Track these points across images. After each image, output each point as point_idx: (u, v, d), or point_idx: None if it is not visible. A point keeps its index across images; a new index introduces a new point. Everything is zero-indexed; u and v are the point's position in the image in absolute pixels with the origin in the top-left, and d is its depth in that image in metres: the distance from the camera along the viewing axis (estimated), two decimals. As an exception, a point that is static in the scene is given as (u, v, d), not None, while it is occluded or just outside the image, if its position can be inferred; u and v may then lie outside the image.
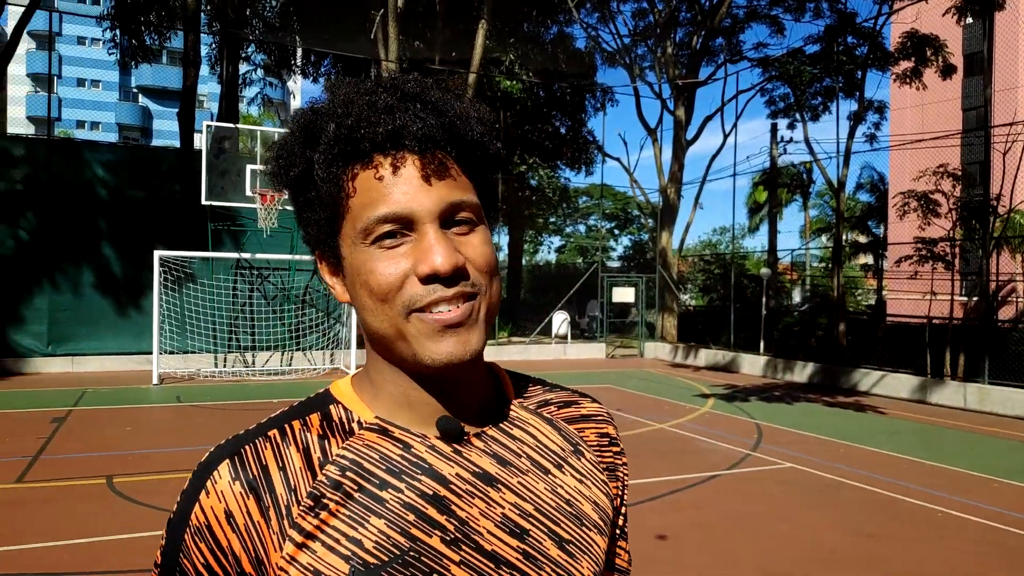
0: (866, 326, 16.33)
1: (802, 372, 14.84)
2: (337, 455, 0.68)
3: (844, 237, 28.89)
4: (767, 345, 16.54)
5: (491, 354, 17.73)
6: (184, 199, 14.26)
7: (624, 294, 20.32)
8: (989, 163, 13.07)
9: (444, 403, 0.71)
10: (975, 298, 14.04)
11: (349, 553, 0.64)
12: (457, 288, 0.66)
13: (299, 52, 23.19)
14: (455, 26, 19.36)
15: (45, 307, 13.68)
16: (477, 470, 0.70)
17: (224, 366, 14.31)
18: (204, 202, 12.92)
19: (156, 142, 54.64)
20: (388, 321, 0.67)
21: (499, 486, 0.71)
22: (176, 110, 19.21)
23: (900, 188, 14.88)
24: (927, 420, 10.46)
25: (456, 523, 0.67)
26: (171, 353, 13.56)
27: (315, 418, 0.71)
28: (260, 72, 23.98)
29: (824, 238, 32.77)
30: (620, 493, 0.83)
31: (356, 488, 0.67)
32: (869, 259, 30.65)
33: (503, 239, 27.06)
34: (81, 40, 54.82)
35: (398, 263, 0.66)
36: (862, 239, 29.92)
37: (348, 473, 0.67)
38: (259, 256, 14.19)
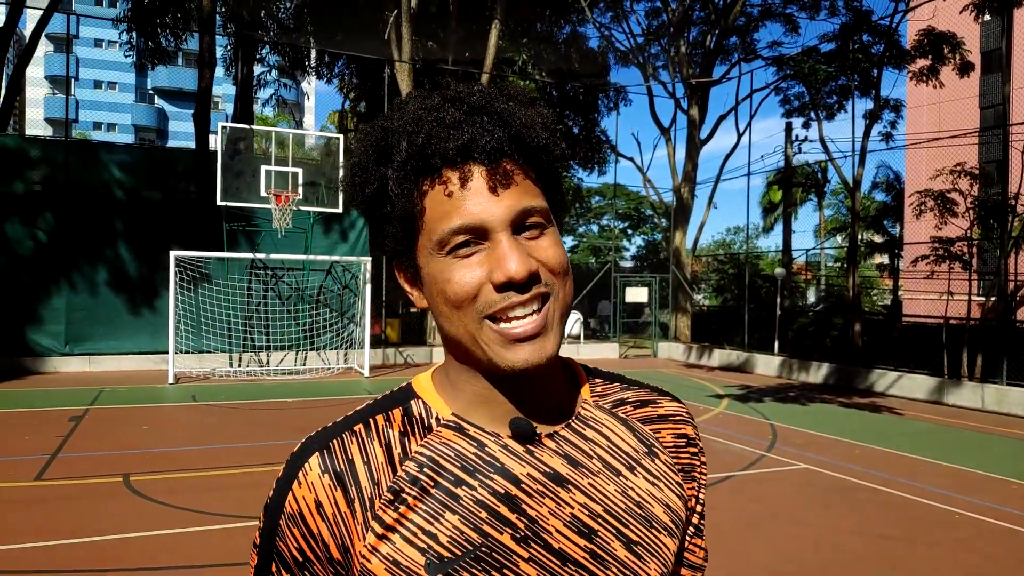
0: (882, 326, 16.19)
1: (817, 373, 14.74)
2: (416, 452, 0.72)
3: (859, 237, 28.70)
4: (781, 345, 16.44)
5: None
6: (199, 200, 14.38)
7: (637, 294, 20.26)
8: (1007, 162, 12.92)
9: (517, 403, 0.73)
10: (993, 298, 13.88)
11: (425, 546, 0.68)
12: (531, 292, 0.68)
13: (313, 53, 23.31)
14: (468, 26, 19.38)
15: (63, 307, 13.83)
16: (548, 470, 0.72)
17: (239, 366, 14.41)
18: (219, 203, 13.02)
19: (172, 143, 55.10)
20: (463, 327, 0.69)
21: (569, 487, 0.72)
22: (191, 111, 19.36)
23: (916, 187, 14.72)
24: (944, 421, 10.36)
25: (526, 521, 0.70)
26: (186, 353, 13.67)
27: (397, 413, 0.74)
28: (274, 73, 24.13)
29: (839, 238, 32.53)
30: (696, 493, 0.84)
31: (432, 484, 0.70)
32: (885, 259, 30.40)
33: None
34: (98, 42, 55.37)
35: (473, 271, 0.68)
36: (878, 239, 29.67)
37: (425, 469, 0.71)
38: (273, 256, 14.29)
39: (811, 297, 27.92)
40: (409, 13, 16.33)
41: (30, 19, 33.21)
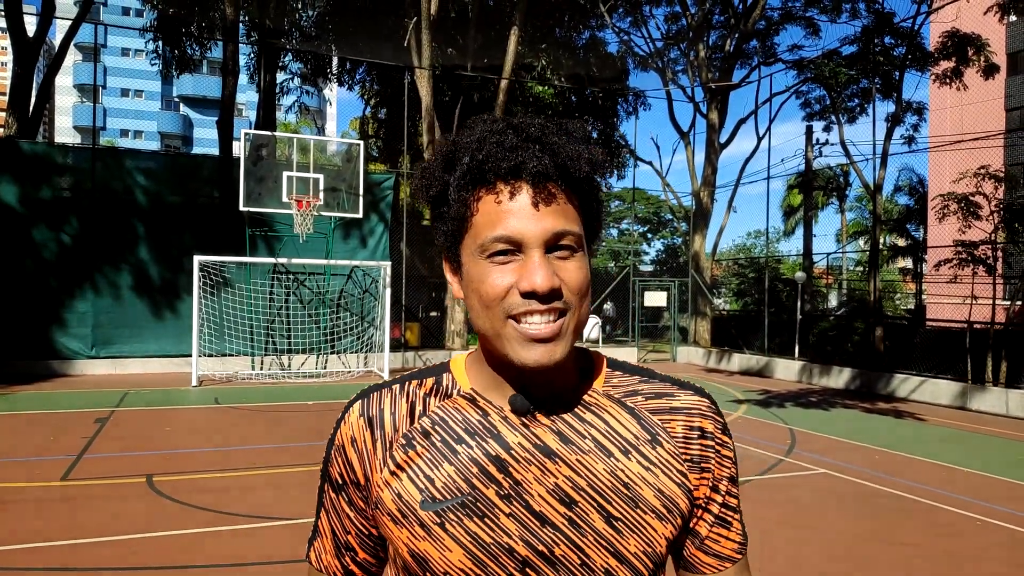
0: (904, 331, 15.99)
1: (838, 377, 14.60)
2: (433, 411, 0.87)
3: (882, 240, 28.35)
4: (802, 350, 16.29)
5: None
6: (223, 205, 14.61)
7: (656, 298, 20.21)
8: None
9: (522, 386, 0.85)
10: (1019, 302, 13.67)
11: (423, 486, 0.83)
12: (550, 305, 0.78)
13: (335, 61, 23.56)
14: (487, 32, 19.50)
15: (89, 311, 14.12)
16: (538, 443, 0.83)
17: (261, 368, 14.59)
18: (242, 208, 13.21)
19: (196, 149, 55.91)
20: (490, 323, 0.80)
21: (557, 459, 0.83)
22: (215, 118, 19.68)
23: (939, 190, 14.55)
24: (967, 427, 10.22)
25: (511, 482, 0.82)
26: (210, 356, 13.87)
27: (429, 381, 0.90)
28: (297, 81, 24.42)
29: (861, 241, 32.18)
30: (711, 483, 0.88)
31: (440, 439, 0.85)
32: (908, 263, 30.01)
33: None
34: (125, 51, 56.39)
35: (505, 276, 0.79)
36: (901, 242, 29.31)
37: (436, 426, 0.86)
38: (295, 261, 14.47)
39: (832, 301, 27.63)
40: (429, 20, 16.46)
41: (59, 29, 33.92)
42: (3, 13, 15.28)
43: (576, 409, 0.85)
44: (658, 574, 0.86)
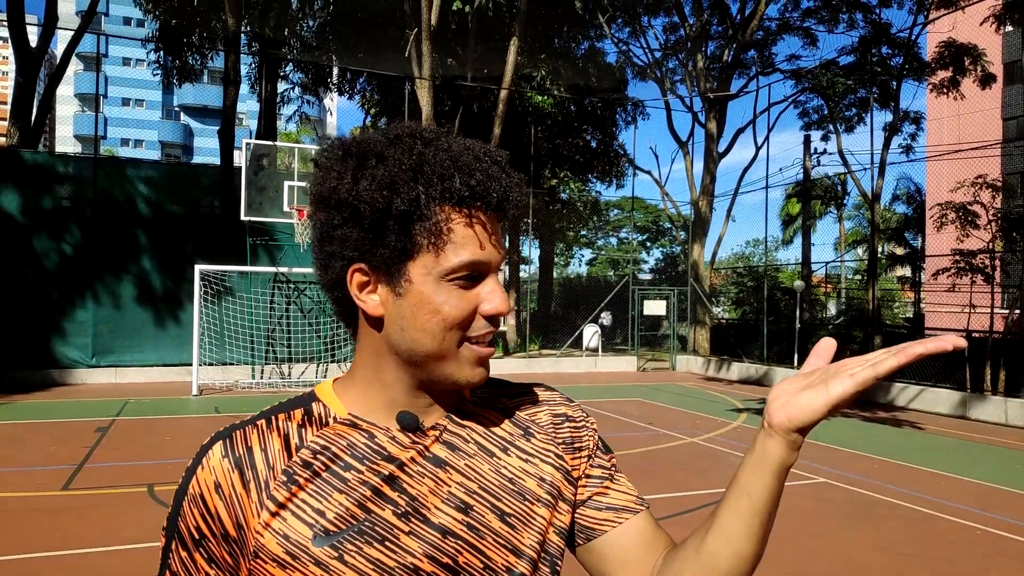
0: (903, 339, 16.05)
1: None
2: (311, 441, 0.80)
3: (880, 249, 28.39)
4: (801, 358, 16.31)
5: (522, 366, 17.78)
6: (224, 214, 14.67)
7: (655, 307, 20.24)
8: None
9: (417, 406, 0.83)
10: (1017, 311, 13.71)
11: (312, 521, 0.76)
12: (496, 326, 0.81)
13: (335, 71, 23.68)
14: (487, 43, 19.61)
15: (90, 320, 14.14)
16: (429, 455, 0.82)
17: (261, 377, 14.60)
18: (243, 218, 13.26)
19: (197, 158, 56.05)
20: (443, 345, 0.78)
21: (448, 468, 0.82)
22: (216, 128, 19.77)
23: (937, 199, 14.62)
24: (967, 436, 10.24)
25: (407, 499, 0.79)
26: (210, 365, 13.89)
27: (298, 412, 0.83)
28: (298, 90, 24.55)
29: (860, 250, 32.26)
30: (589, 454, 0.92)
31: (324, 468, 0.79)
32: (907, 271, 30.06)
33: (534, 252, 27.17)
34: (126, 61, 56.62)
35: (469, 301, 0.78)
36: (899, 251, 29.37)
37: (318, 456, 0.79)
38: (296, 270, 14.51)
39: (832, 310, 27.65)
40: (429, 31, 16.58)
41: (61, 40, 34.05)
42: (5, 23, 15.37)
43: (455, 417, 0.86)
44: (555, 565, 0.86)
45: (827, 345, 0.79)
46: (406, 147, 0.78)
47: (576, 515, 0.89)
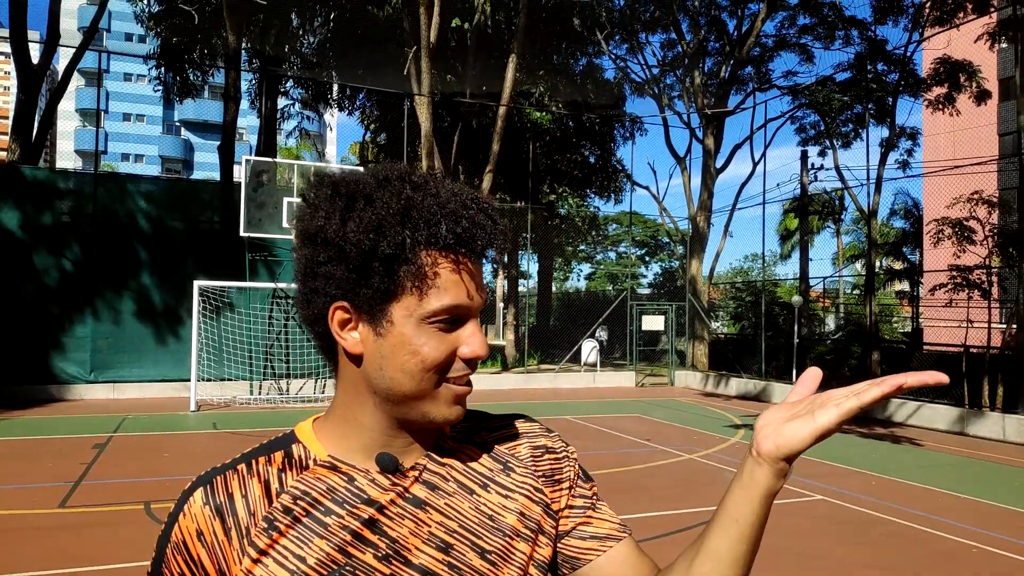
0: (901, 355, 16.06)
1: (836, 402, 14.60)
2: (291, 486, 0.81)
3: (878, 264, 28.45)
4: (799, 374, 16.25)
5: (521, 381, 17.78)
6: (223, 230, 14.72)
7: (654, 322, 20.26)
8: (1021, 190, 12.89)
9: (395, 446, 0.84)
10: (1015, 326, 13.73)
11: (294, 567, 0.77)
12: (473, 369, 0.83)
13: (335, 87, 23.85)
14: (486, 60, 19.77)
15: (88, 335, 14.15)
16: (408, 496, 0.82)
17: (259, 393, 14.59)
18: (243, 234, 13.30)
19: (197, 173, 56.24)
20: (422, 385, 0.79)
21: (428, 508, 0.82)
22: (216, 143, 19.88)
23: (935, 215, 14.69)
24: (965, 452, 10.23)
25: (388, 541, 0.80)
26: (208, 380, 13.88)
27: (278, 455, 0.84)
28: (298, 106, 24.70)
29: (858, 265, 32.34)
30: (571, 484, 0.92)
31: (304, 513, 0.79)
32: (905, 286, 30.11)
33: (532, 267, 27.22)
34: (127, 76, 56.94)
35: (449, 344, 0.80)
36: (897, 266, 29.45)
37: (299, 501, 0.80)
38: (294, 285, 14.50)
39: (831, 324, 27.68)
40: (428, 48, 16.71)
41: (62, 56, 34.30)
42: (7, 39, 15.50)
43: (433, 455, 0.86)
44: None
45: (813, 374, 0.82)
46: (395, 191, 0.79)
47: (560, 546, 0.90)
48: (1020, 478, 8.61)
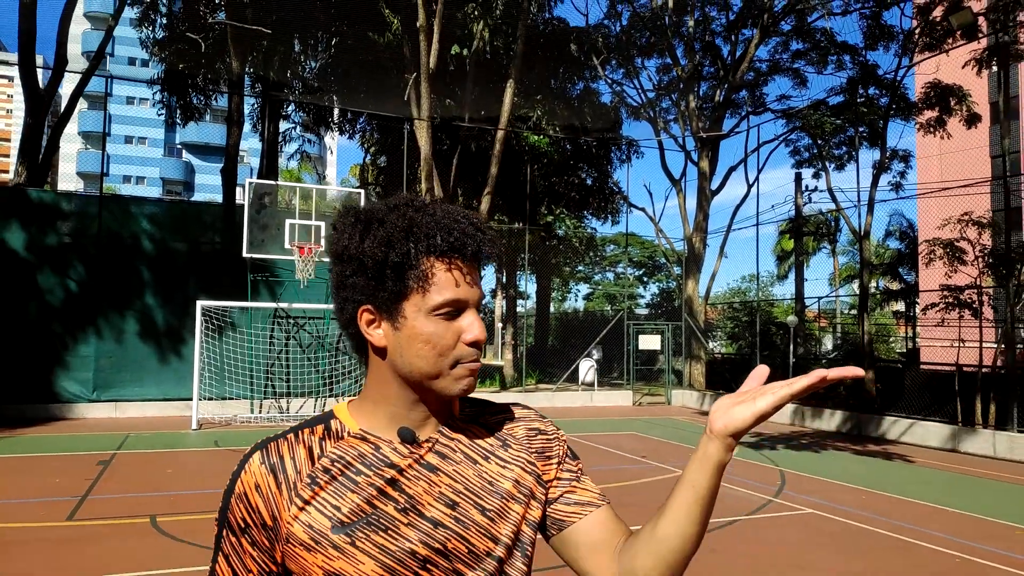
0: (896, 374, 16.22)
1: (830, 420, 14.77)
2: (329, 451, 1.01)
3: (875, 284, 28.67)
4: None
5: (519, 400, 17.89)
6: (226, 251, 14.95)
7: (650, 341, 20.44)
8: (1007, 211, 13.16)
9: (413, 419, 1.03)
10: (1003, 345, 13.92)
11: (331, 514, 0.96)
12: (479, 350, 1.01)
13: (336, 111, 24.22)
14: (484, 84, 20.14)
15: (91, 354, 14.33)
16: (423, 462, 1.02)
17: (260, 412, 14.73)
18: (245, 255, 13.53)
19: (198, 195, 56.63)
20: (437, 366, 0.99)
21: (439, 472, 1.02)
22: (217, 165, 20.21)
23: (929, 235, 14.93)
24: (955, 468, 10.38)
25: (406, 497, 0.99)
26: (209, 399, 14.02)
27: (319, 428, 1.03)
28: (299, 129, 25.06)
29: (854, 285, 32.56)
30: (559, 460, 1.12)
31: (340, 473, 0.99)
32: (901, 306, 30.33)
33: (531, 287, 27.41)
34: (130, 100, 57.53)
35: (453, 331, 0.99)
36: (894, 286, 29.69)
37: (335, 463, 0.99)
38: (296, 305, 14.75)
39: (828, 344, 27.85)
40: (428, 73, 17.07)
41: (67, 79, 34.72)
42: (10, 63, 15.85)
43: (444, 431, 1.05)
44: (526, 551, 1.05)
45: (761, 371, 1.02)
46: (401, 213, 0.99)
47: (549, 510, 1.08)
48: (1006, 492, 8.76)
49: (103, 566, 5.21)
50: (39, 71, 16.33)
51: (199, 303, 13.25)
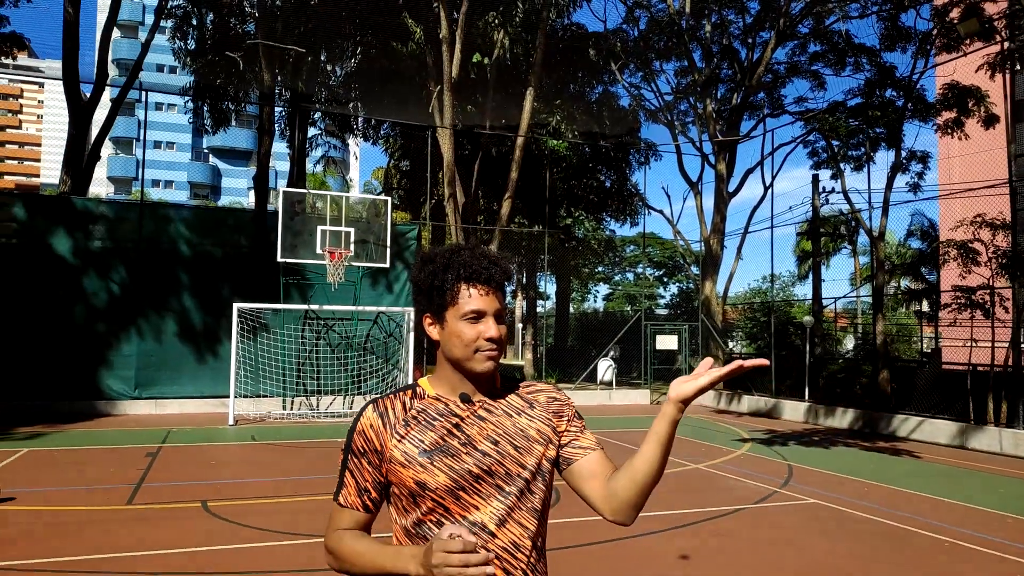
0: (911, 373, 16.48)
1: (843, 418, 15.10)
2: (416, 406, 1.53)
3: (897, 284, 28.74)
4: (811, 392, 16.81)
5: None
6: (259, 255, 15.66)
7: (667, 341, 20.85)
8: (1014, 215, 13.42)
9: (466, 389, 1.54)
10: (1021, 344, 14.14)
11: (418, 444, 1.48)
12: (497, 344, 1.52)
13: (361, 119, 24.91)
14: (505, 91, 20.68)
15: (133, 354, 15.11)
16: (476, 415, 1.53)
17: (292, 409, 15.41)
18: (279, 259, 14.19)
19: (224, 198, 57.86)
20: (466, 353, 1.49)
21: (486, 421, 1.52)
22: (243, 168, 21.02)
23: (950, 235, 15.12)
24: (960, 464, 10.72)
25: (465, 437, 1.50)
26: (244, 397, 14.73)
27: (409, 392, 1.57)
28: (324, 135, 25.79)
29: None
30: (569, 418, 1.61)
31: (424, 420, 1.51)
32: (925, 306, 30.34)
33: (551, 288, 27.88)
34: (159, 106, 58.94)
35: (477, 330, 1.49)
36: (915, 286, 29.72)
37: (420, 414, 1.52)
38: (325, 307, 15.42)
39: (849, 344, 27.99)
40: (450, 82, 17.65)
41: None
42: (44, 74, 16.65)
43: (489, 400, 1.54)
44: (545, 477, 1.53)
45: (707, 361, 1.54)
46: (444, 255, 1.56)
47: (561, 452, 1.57)
48: (1006, 485, 9.11)
49: (165, 542, 5.83)
50: (80, 85, 17.13)
51: (236, 305, 13.95)
